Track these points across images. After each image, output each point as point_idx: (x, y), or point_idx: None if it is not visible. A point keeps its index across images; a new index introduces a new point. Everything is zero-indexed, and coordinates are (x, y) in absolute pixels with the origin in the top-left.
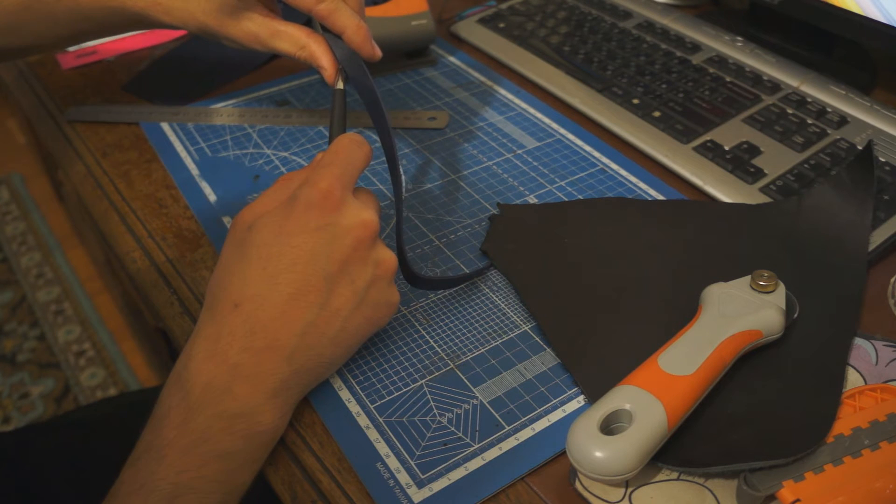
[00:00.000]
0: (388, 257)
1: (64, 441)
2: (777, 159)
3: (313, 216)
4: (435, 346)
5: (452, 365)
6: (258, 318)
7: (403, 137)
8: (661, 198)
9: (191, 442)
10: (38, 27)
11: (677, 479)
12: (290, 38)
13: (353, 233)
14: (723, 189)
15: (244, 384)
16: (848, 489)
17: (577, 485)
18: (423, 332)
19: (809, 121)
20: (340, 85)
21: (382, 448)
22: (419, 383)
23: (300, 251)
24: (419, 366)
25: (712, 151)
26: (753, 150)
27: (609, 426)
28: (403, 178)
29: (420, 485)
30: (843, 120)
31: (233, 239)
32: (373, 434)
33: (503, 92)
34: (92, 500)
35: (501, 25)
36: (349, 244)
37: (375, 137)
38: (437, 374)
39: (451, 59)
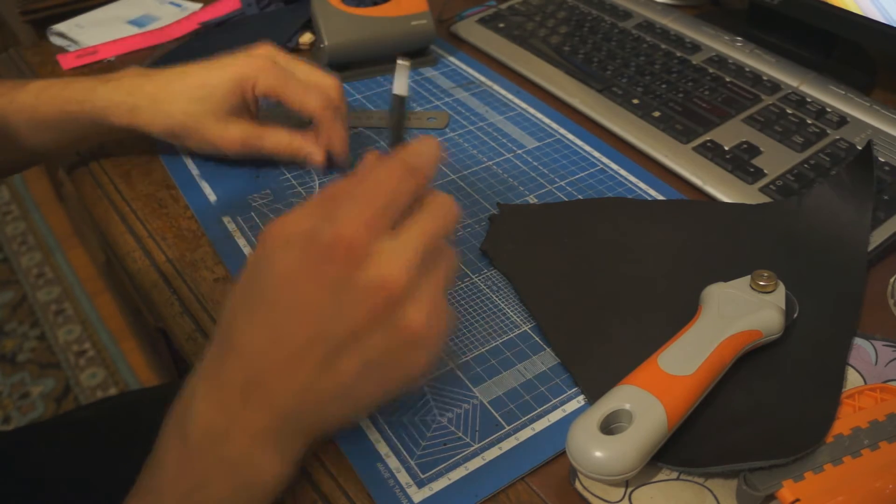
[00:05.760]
0: (414, 321)
1: (64, 441)
2: (777, 159)
3: (330, 268)
4: None
5: (452, 365)
6: (255, 369)
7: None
8: (661, 198)
9: (189, 488)
10: (2, 142)
11: (677, 479)
12: (277, 135)
13: (370, 296)
14: (723, 189)
15: (242, 433)
16: (847, 489)
17: (577, 485)
18: None
19: (809, 121)
20: (402, 91)
21: (382, 448)
22: (419, 383)
23: (309, 305)
24: None
25: (712, 151)
26: (753, 150)
27: (609, 426)
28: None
29: (420, 485)
30: (842, 120)
31: (255, 259)
32: (373, 434)
33: (503, 92)
34: (92, 499)
35: (501, 25)
36: (363, 310)
37: (376, 137)
38: (437, 374)
39: (451, 59)
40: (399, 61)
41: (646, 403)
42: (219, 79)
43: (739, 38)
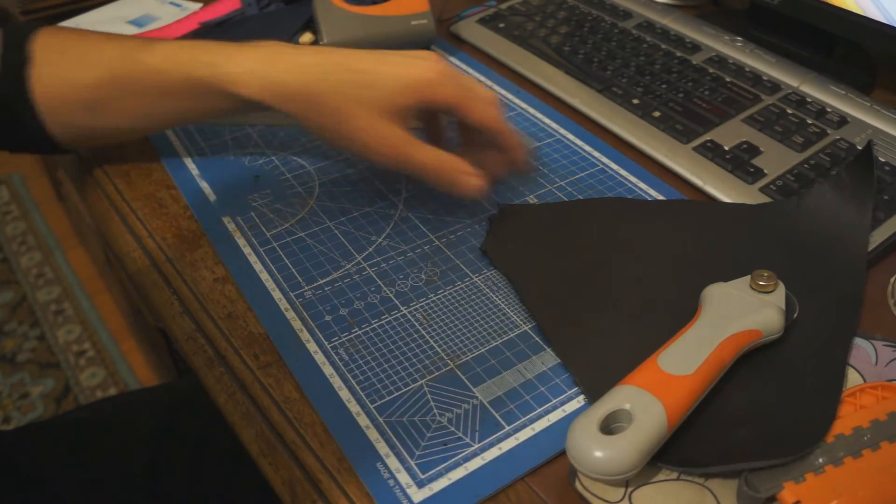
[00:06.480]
0: None
1: (64, 441)
2: (777, 159)
3: None
4: (435, 346)
5: (452, 365)
6: None
7: None
8: (661, 198)
9: None
10: (125, 104)
11: (677, 479)
12: (429, 151)
13: None
14: (723, 189)
15: None
16: (848, 490)
17: (577, 485)
18: (423, 332)
19: (809, 121)
20: None
21: (382, 448)
22: (419, 383)
23: None
24: (419, 366)
25: (712, 151)
26: (753, 150)
27: (609, 426)
28: None
29: (420, 485)
30: (843, 120)
31: None
32: (373, 434)
33: (503, 92)
34: (92, 499)
35: (501, 25)
36: None
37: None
38: (437, 374)
39: (451, 59)
40: None
41: (646, 403)
42: (394, 76)
43: (739, 38)
